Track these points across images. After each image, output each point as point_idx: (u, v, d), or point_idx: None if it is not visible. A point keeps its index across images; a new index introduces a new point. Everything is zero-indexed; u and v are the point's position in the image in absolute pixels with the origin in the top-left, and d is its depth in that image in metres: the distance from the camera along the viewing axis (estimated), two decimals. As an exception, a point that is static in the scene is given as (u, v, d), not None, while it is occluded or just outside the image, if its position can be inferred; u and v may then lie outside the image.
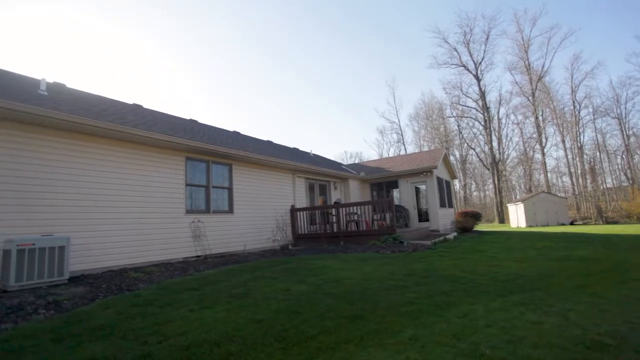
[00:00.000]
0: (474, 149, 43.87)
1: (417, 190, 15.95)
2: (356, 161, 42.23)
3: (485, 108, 39.49)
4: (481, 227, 20.41)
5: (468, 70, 40.75)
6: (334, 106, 72.60)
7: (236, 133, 13.95)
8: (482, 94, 39.59)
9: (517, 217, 26.61)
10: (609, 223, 25.88)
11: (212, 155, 9.24)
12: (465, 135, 44.60)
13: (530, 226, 24.08)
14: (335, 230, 11.14)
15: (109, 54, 49.28)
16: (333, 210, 11.55)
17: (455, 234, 13.66)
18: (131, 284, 5.32)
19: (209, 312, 3.67)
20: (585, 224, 26.01)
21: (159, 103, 60.93)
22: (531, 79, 39.04)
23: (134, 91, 52.39)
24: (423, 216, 15.57)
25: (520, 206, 26.09)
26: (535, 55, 44.96)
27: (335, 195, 14.88)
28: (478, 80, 39.92)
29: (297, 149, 17.64)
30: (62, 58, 44.66)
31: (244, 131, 14.91)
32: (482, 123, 40.35)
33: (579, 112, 38.66)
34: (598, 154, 39.31)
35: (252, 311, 3.67)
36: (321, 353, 2.59)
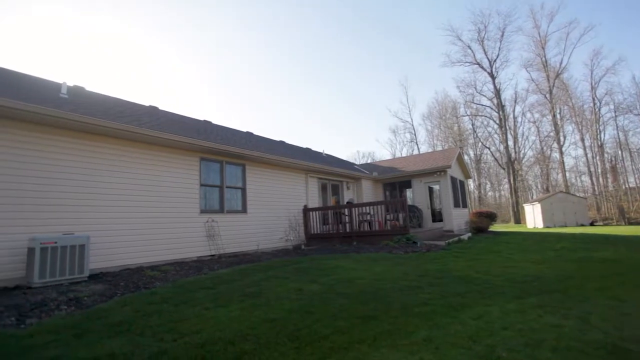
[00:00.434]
0: (489, 148, 43.07)
1: (431, 190, 15.77)
2: (369, 161, 42.02)
3: (500, 106, 38.70)
4: (496, 228, 20.02)
5: (482, 68, 40.02)
6: (346, 106, 72.46)
7: (249, 133, 14.08)
8: (497, 92, 38.82)
9: (534, 218, 25.98)
10: (632, 224, 24.99)
11: (226, 155, 9.36)
12: (479, 134, 43.83)
13: (547, 227, 23.48)
14: (347, 230, 11.12)
15: (126, 56, 50.49)
16: (346, 210, 11.54)
17: (469, 235, 13.44)
18: (147, 282, 5.44)
19: (223, 311, 3.72)
20: (606, 225, 25.19)
21: (174, 104, 62.02)
22: (548, 76, 38.04)
23: (150, 93, 53.50)
24: (437, 216, 15.38)
25: (537, 206, 25.46)
26: (552, 51, 43.75)
27: (347, 195, 14.85)
28: (493, 78, 39.16)
29: (310, 149, 17.68)
30: (79, 60, 46.00)
31: (257, 132, 15.05)
32: (497, 122, 39.56)
33: (600, 110, 37.45)
34: (620, 153, 37.91)
35: (266, 310, 3.70)
36: (334, 353, 2.60)
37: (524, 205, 30.74)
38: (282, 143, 15.55)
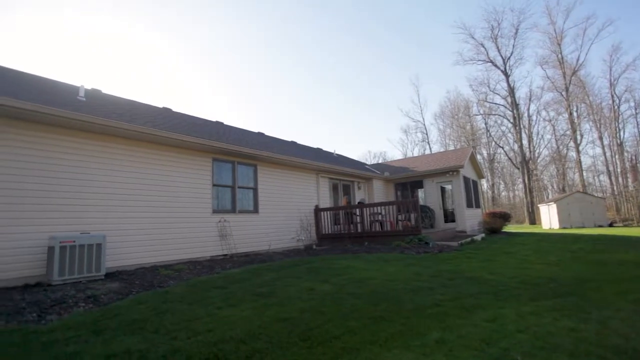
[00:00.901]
0: (503, 148, 42.33)
1: (443, 190, 15.58)
2: (380, 161, 41.80)
3: (514, 105, 37.98)
4: (510, 229, 19.64)
5: (496, 66, 39.39)
6: (357, 106, 72.25)
7: (260, 134, 14.18)
8: (511, 90, 38.11)
9: (550, 218, 25.40)
10: (653, 225, 24.16)
11: (238, 156, 9.45)
12: (493, 133, 43.14)
13: (564, 228, 22.91)
14: (359, 230, 11.08)
15: (144, 59, 51.48)
16: (357, 210, 11.51)
17: (482, 235, 13.23)
18: (162, 281, 5.54)
19: (236, 310, 3.76)
20: (626, 226, 24.43)
21: (186, 105, 62.93)
22: (564, 73, 37.13)
23: (163, 94, 54.43)
24: (449, 217, 15.19)
25: (552, 207, 24.88)
26: (569, 48, 42.76)
27: (359, 195, 14.80)
28: (506, 76, 38.47)
29: (321, 149, 17.70)
30: (95, 62, 47.13)
31: (268, 132, 15.15)
32: (511, 120, 38.85)
33: (619, 107, 36.42)
34: (640, 151, 36.76)
35: (277, 310, 3.72)
36: (346, 353, 2.59)
37: (539, 205, 30.09)
38: (294, 143, 15.61)
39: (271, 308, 3.80)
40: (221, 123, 12.81)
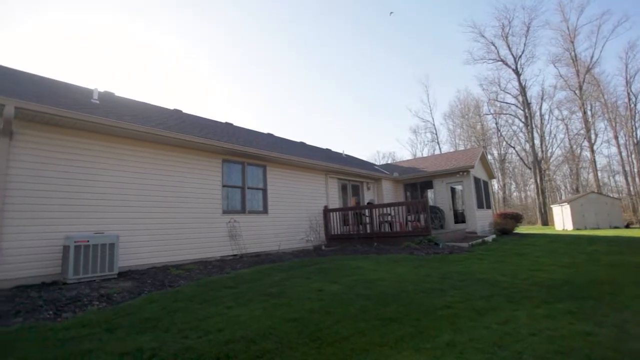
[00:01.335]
0: (514, 147, 41.66)
1: (453, 190, 15.42)
2: (389, 161, 41.61)
3: (526, 104, 37.36)
4: (522, 230, 19.30)
5: (507, 64, 38.81)
6: (366, 106, 72.02)
7: (270, 135, 14.26)
8: (523, 89, 37.50)
9: (563, 219, 24.88)
10: (672, 226, 23.47)
11: (247, 157, 9.52)
12: (503, 133, 42.48)
13: (577, 229, 22.43)
14: (368, 231, 11.04)
15: (152, 60, 52.28)
16: (366, 211, 11.47)
17: (493, 236, 13.04)
18: (173, 281, 5.61)
19: (246, 310, 3.78)
20: (643, 228, 23.78)
21: (195, 107, 63.67)
22: (578, 71, 36.35)
23: (171, 95, 55.17)
24: (459, 217, 15.03)
25: (566, 207, 24.37)
26: (582, 45, 41.73)
27: (368, 195, 14.76)
28: (518, 74, 37.88)
29: (330, 150, 17.70)
30: (109, 65, 48.03)
31: (277, 133, 15.22)
32: (523, 120, 38.22)
33: (635, 105, 35.46)
34: (658, 151, 35.76)
35: (287, 310, 3.74)
36: (355, 354, 2.59)
37: (552, 206, 29.50)
38: (302, 144, 15.64)
39: (281, 308, 3.82)
40: (231, 124, 12.92)
